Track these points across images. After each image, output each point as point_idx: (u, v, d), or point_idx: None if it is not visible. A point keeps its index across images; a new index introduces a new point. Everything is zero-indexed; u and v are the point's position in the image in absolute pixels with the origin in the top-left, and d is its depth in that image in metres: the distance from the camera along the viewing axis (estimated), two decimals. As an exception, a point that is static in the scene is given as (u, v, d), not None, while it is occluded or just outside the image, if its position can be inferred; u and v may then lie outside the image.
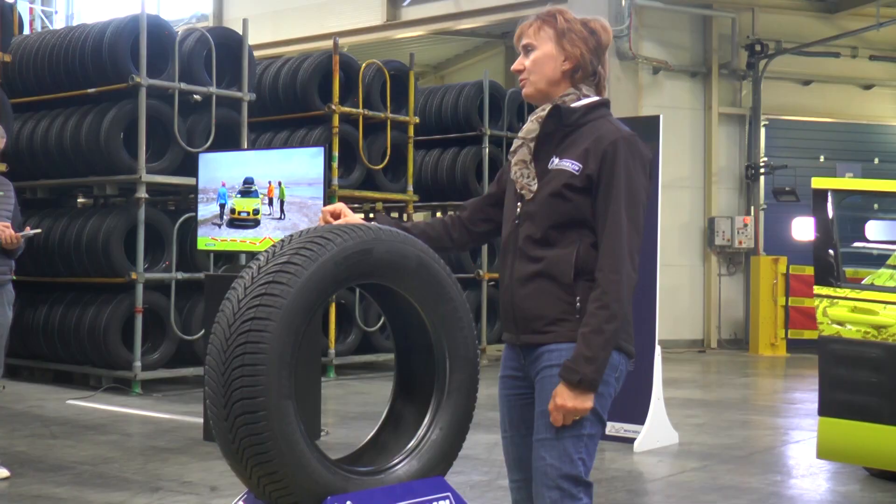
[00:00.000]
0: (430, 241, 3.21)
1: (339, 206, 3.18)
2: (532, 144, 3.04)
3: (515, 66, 3.11)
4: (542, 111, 3.05)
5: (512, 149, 3.10)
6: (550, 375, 2.95)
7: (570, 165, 2.96)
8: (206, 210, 7.72)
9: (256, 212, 7.41)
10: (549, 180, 2.99)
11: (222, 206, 7.59)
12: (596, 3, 13.96)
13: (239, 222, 7.51)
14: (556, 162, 2.99)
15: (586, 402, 2.88)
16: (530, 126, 3.06)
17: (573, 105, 3.03)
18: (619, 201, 2.90)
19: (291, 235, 2.93)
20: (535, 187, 3.01)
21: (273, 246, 2.91)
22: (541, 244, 2.99)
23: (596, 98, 3.07)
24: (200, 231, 7.83)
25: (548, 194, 2.97)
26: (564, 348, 2.93)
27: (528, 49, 3.07)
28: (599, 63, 3.08)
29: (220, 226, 7.61)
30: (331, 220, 3.13)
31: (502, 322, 3.15)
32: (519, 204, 3.06)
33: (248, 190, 7.46)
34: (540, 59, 3.05)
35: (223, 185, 7.58)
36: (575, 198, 2.94)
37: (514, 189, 3.10)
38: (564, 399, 2.87)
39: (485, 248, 13.56)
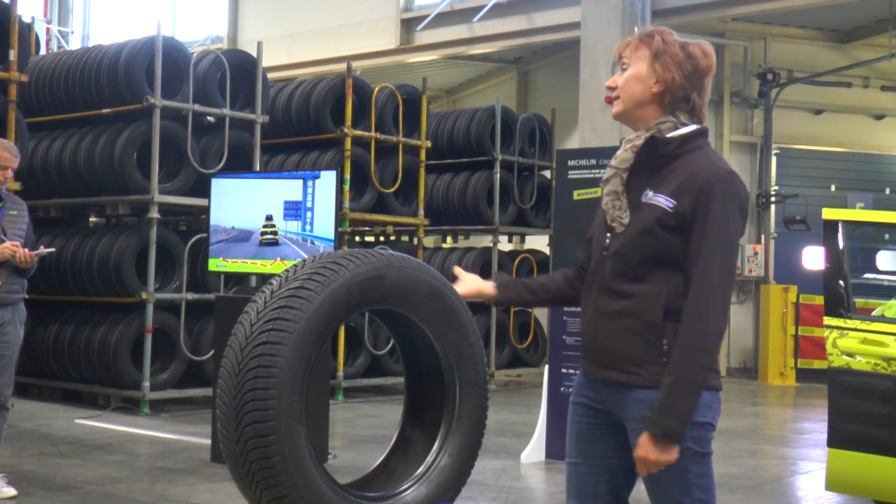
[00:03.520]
0: (550, 292, 3.22)
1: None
2: (625, 175, 2.94)
3: (609, 83, 3.01)
4: (638, 139, 2.94)
5: (604, 177, 3.00)
6: (641, 429, 2.85)
7: (663, 202, 2.85)
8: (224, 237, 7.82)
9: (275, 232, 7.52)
10: (641, 214, 2.89)
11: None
12: (609, 30, 14.01)
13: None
14: (649, 195, 2.89)
15: (670, 455, 2.78)
16: (624, 155, 2.96)
17: (669, 135, 2.91)
18: (712, 244, 2.80)
19: (304, 260, 2.95)
20: (626, 220, 2.91)
21: (286, 270, 2.93)
22: (628, 280, 2.90)
23: (693, 127, 2.94)
24: (212, 252, 7.87)
25: (639, 230, 2.87)
26: (653, 398, 2.83)
27: (623, 67, 2.98)
28: (695, 90, 2.95)
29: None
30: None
31: (582, 352, 3.07)
32: (608, 235, 2.96)
33: (269, 233, 7.55)
34: (631, 79, 2.95)
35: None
36: (666, 236, 2.84)
37: (603, 219, 3.00)
38: (647, 451, 2.79)
39: (494, 271, 13.56)
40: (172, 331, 10.22)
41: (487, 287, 3.24)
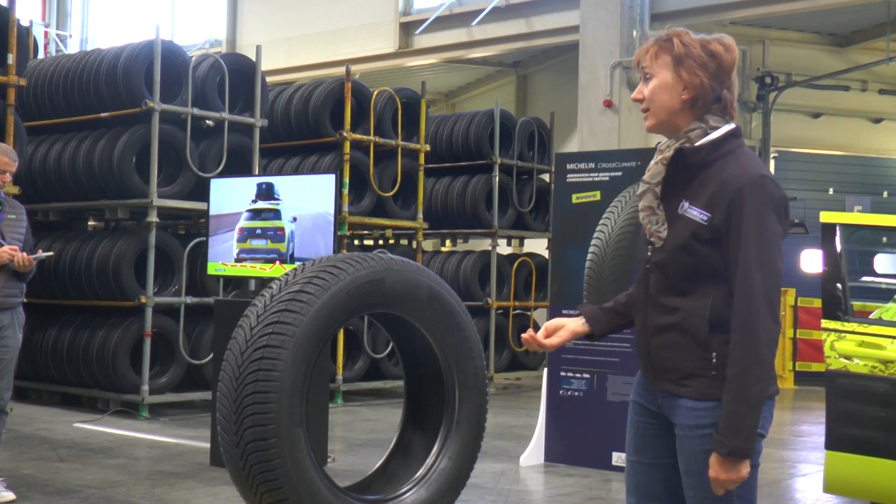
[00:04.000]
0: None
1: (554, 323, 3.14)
2: (658, 189, 2.91)
3: (635, 94, 2.96)
4: (668, 150, 2.90)
5: (638, 192, 2.97)
6: (688, 437, 2.87)
7: (697, 215, 2.82)
8: (222, 238, 7.79)
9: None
10: (677, 228, 2.86)
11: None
12: (608, 33, 14.04)
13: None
14: (685, 206, 2.86)
15: (742, 471, 2.77)
16: (655, 169, 2.93)
17: (698, 143, 2.86)
18: (749, 253, 2.75)
19: (304, 264, 2.96)
20: (664, 234, 2.89)
21: (286, 274, 2.94)
22: (673, 293, 2.88)
23: (723, 131, 2.89)
24: (211, 255, 7.87)
25: (676, 246, 2.85)
26: (701, 407, 2.83)
27: (646, 77, 2.92)
28: (723, 87, 2.88)
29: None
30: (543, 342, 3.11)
31: (640, 360, 3.06)
32: (649, 248, 2.94)
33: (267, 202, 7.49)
34: (658, 89, 2.89)
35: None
36: (703, 249, 2.82)
37: (644, 232, 2.98)
38: (717, 472, 2.77)
39: (493, 275, 13.58)
40: (171, 334, 10.22)
41: (580, 326, 3.15)
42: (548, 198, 14.32)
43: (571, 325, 3.12)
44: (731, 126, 2.91)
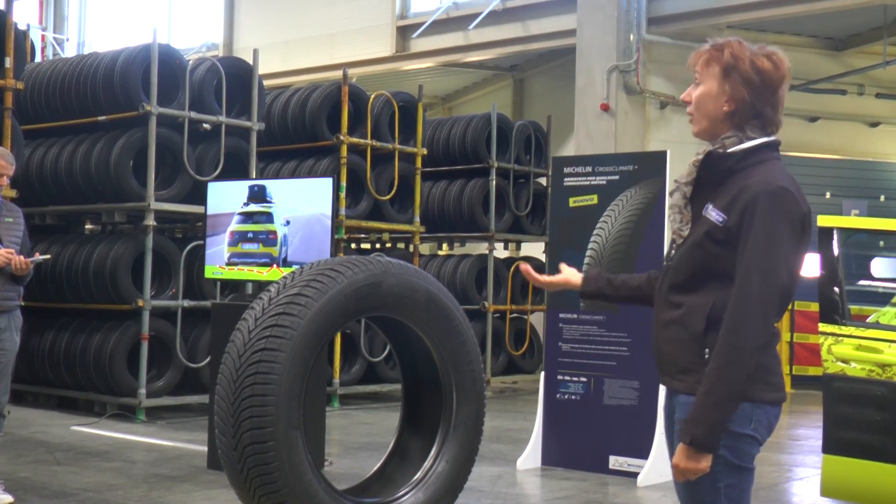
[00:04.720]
0: (630, 290, 3.26)
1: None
2: (687, 189, 2.99)
3: (684, 96, 3.05)
4: (700, 154, 2.99)
5: (668, 191, 3.07)
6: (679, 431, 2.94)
7: (715, 216, 2.89)
8: (219, 242, 7.78)
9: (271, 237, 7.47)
10: (696, 228, 2.94)
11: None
12: (604, 37, 14.05)
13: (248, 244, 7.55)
14: (708, 209, 2.92)
15: (700, 463, 2.82)
16: (687, 170, 3.02)
17: (731, 149, 2.94)
18: (752, 257, 2.81)
19: (302, 267, 2.96)
20: (685, 233, 2.98)
21: (283, 278, 2.94)
22: (681, 291, 2.96)
23: (758, 141, 2.97)
24: (208, 259, 7.87)
25: (691, 243, 2.94)
26: (692, 402, 2.88)
27: (696, 81, 3.01)
28: (766, 104, 2.98)
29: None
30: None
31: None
32: (673, 246, 3.04)
33: (259, 207, 7.47)
34: (703, 98, 2.98)
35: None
36: (714, 249, 2.88)
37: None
38: (678, 459, 2.85)
39: (490, 278, 13.58)
40: (168, 338, 10.22)
41: (574, 278, 3.33)
42: (545, 201, 14.31)
43: (568, 274, 3.33)
44: (769, 138, 2.98)
